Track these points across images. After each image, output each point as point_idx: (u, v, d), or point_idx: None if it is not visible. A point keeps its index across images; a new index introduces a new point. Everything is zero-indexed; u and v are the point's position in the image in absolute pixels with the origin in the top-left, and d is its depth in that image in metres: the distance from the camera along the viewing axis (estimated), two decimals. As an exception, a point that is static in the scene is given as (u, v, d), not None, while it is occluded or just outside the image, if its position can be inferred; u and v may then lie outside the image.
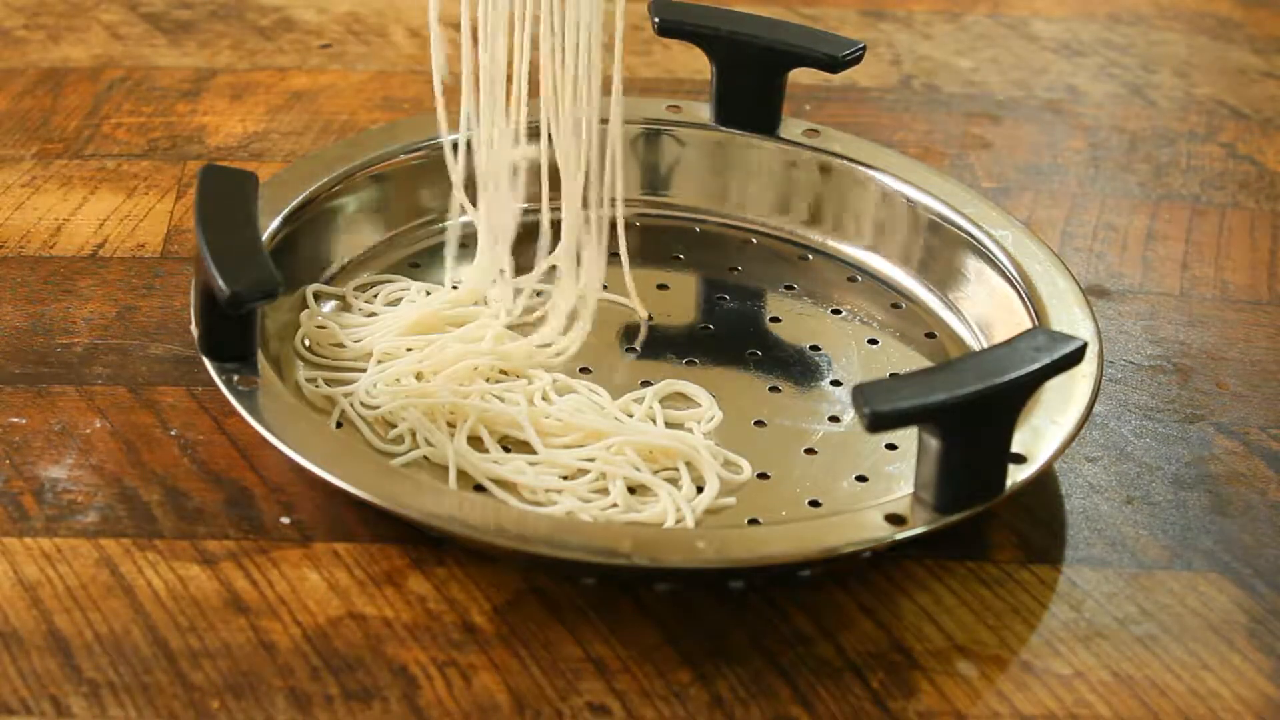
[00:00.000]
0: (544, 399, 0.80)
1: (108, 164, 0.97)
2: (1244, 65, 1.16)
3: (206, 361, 0.76)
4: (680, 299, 0.89)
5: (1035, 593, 0.73)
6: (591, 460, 0.76)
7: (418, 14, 1.16)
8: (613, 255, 0.83)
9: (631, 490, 0.76)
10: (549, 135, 0.80)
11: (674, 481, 0.76)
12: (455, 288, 0.86)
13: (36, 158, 0.98)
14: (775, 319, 0.88)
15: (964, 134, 1.06)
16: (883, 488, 0.78)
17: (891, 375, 0.83)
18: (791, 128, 0.94)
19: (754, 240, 0.93)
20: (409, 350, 0.82)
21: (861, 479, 0.78)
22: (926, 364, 0.85)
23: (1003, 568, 0.74)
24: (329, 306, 0.86)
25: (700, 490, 0.76)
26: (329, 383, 0.81)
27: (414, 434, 0.78)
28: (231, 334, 0.76)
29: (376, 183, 0.90)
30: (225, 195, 0.79)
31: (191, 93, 1.05)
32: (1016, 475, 0.73)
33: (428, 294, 0.86)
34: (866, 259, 0.92)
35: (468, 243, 0.86)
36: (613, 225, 0.81)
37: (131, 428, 0.78)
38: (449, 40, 0.80)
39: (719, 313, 0.88)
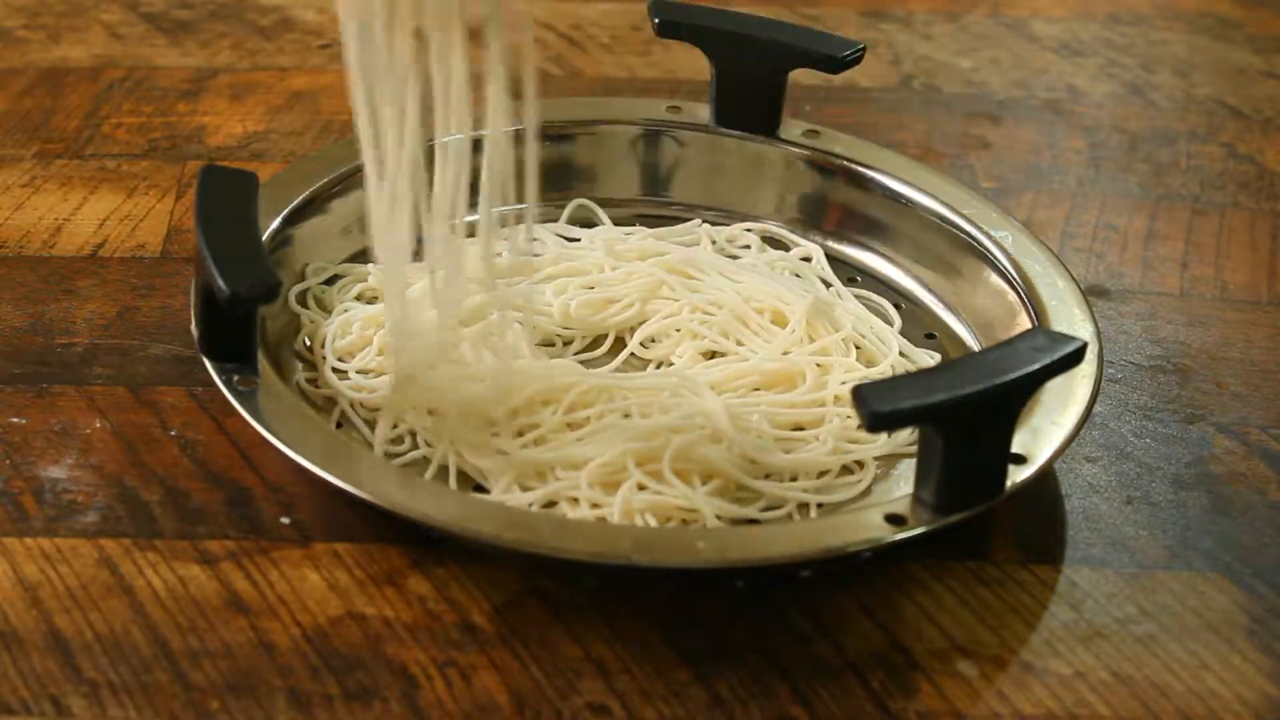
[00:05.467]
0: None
1: (108, 164, 0.97)
2: (1244, 65, 1.16)
3: (206, 361, 0.76)
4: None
5: (1035, 593, 0.73)
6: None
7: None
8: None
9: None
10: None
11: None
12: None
13: (36, 158, 0.98)
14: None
15: (964, 134, 1.06)
16: (883, 488, 0.78)
17: (892, 375, 0.83)
18: (791, 128, 0.95)
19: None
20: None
21: (861, 479, 0.79)
22: (926, 364, 0.85)
23: (1003, 568, 0.74)
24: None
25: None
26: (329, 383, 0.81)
27: (414, 434, 0.78)
28: (231, 334, 0.76)
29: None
30: (225, 195, 0.79)
31: (191, 93, 1.05)
32: (1016, 475, 0.73)
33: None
34: (866, 259, 0.92)
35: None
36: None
37: (131, 428, 0.78)
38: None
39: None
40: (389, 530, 0.73)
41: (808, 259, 0.91)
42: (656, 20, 0.94)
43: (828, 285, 0.89)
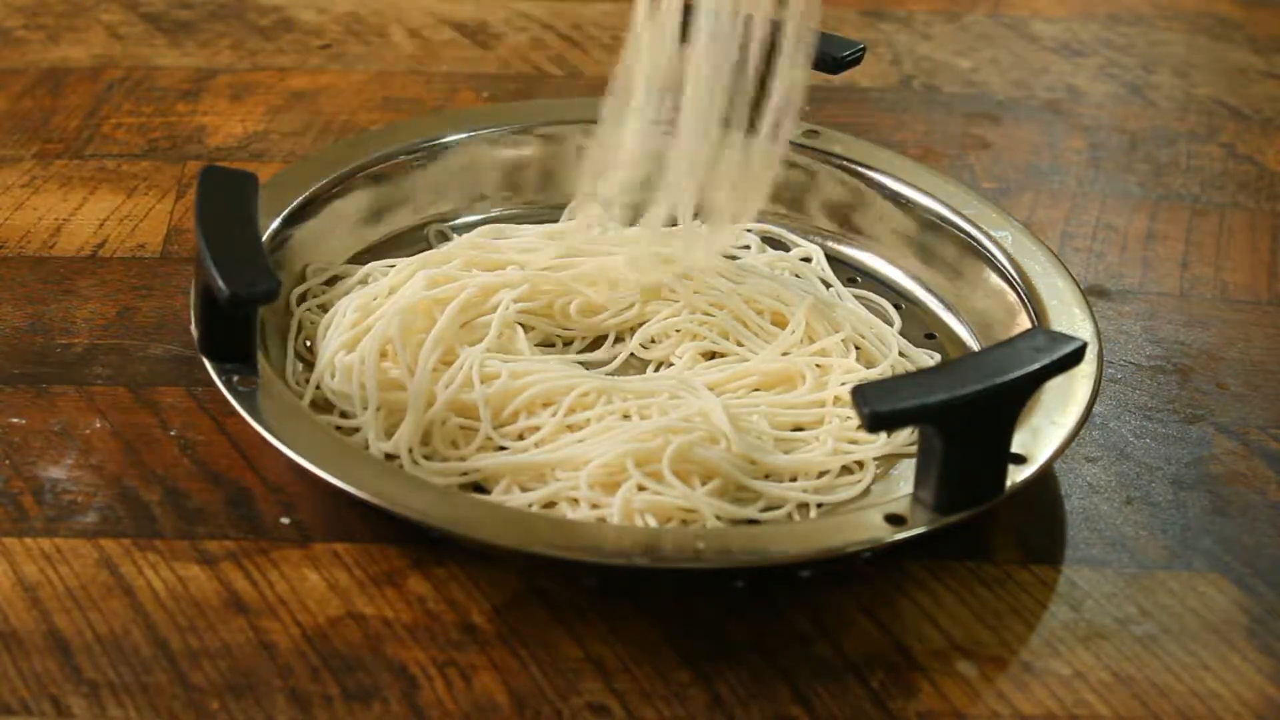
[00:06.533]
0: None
1: (108, 164, 0.97)
2: (1244, 65, 1.16)
3: (206, 361, 0.76)
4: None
5: (1035, 593, 0.73)
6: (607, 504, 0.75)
7: (418, 14, 1.16)
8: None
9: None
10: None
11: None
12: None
13: (36, 158, 0.98)
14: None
15: (964, 134, 1.06)
16: (883, 488, 0.78)
17: (892, 375, 0.83)
18: (791, 128, 0.94)
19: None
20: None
21: (861, 479, 0.78)
22: (926, 364, 0.85)
23: (1002, 568, 0.74)
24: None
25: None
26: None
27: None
28: (231, 334, 0.76)
29: (376, 183, 0.90)
30: (225, 195, 0.79)
31: (191, 93, 1.05)
32: (1016, 475, 0.73)
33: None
34: (866, 259, 0.92)
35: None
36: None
37: (131, 428, 0.78)
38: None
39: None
40: (389, 530, 0.73)
41: (808, 259, 0.91)
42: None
43: (828, 285, 0.89)
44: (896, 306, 0.89)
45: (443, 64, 1.10)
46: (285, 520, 0.74)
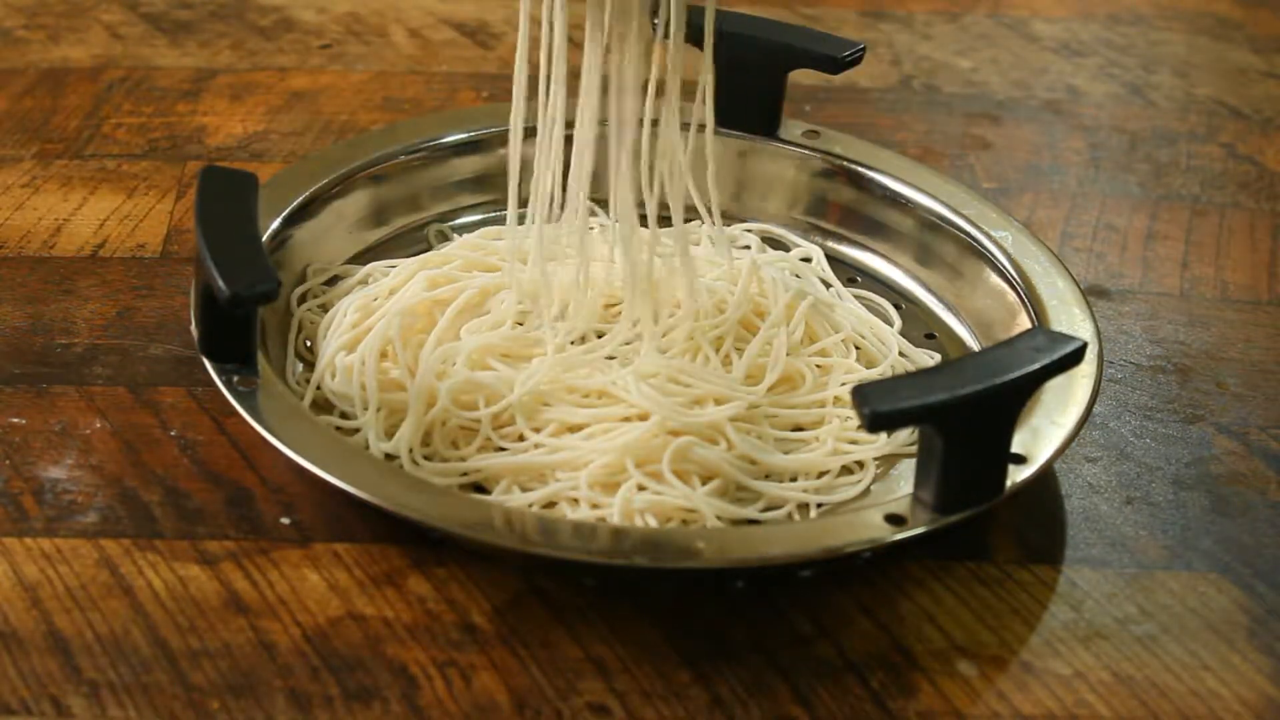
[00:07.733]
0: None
1: (108, 164, 0.97)
2: (1244, 65, 1.16)
3: (206, 362, 0.76)
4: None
5: (1035, 593, 0.73)
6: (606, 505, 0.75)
7: (418, 14, 1.16)
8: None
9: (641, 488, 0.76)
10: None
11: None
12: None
13: (36, 158, 0.98)
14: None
15: (964, 134, 1.06)
16: (883, 488, 0.78)
17: (892, 375, 0.83)
18: (791, 129, 0.94)
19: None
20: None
21: (861, 479, 0.79)
22: (926, 364, 0.85)
23: (1003, 568, 0.74)
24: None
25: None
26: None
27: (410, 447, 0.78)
28: (231, 334, 0.76)
29: (376, 183, 0.90)
30: (225, 195, 0.79)
31: (191, 93, 1.05)
32: (1016, 475, 0.73)
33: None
34: (866, 259, 0.92)
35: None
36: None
37: (131, 428, 0.78)
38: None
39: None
40: (389, 530, 0.73)
41: (808, 259, 0.91)
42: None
43: (828, 285, 0.89)
44: (896, 306, 0.89)
45: (443, 64, 1.10)
46: (285, 520, 0.74)
